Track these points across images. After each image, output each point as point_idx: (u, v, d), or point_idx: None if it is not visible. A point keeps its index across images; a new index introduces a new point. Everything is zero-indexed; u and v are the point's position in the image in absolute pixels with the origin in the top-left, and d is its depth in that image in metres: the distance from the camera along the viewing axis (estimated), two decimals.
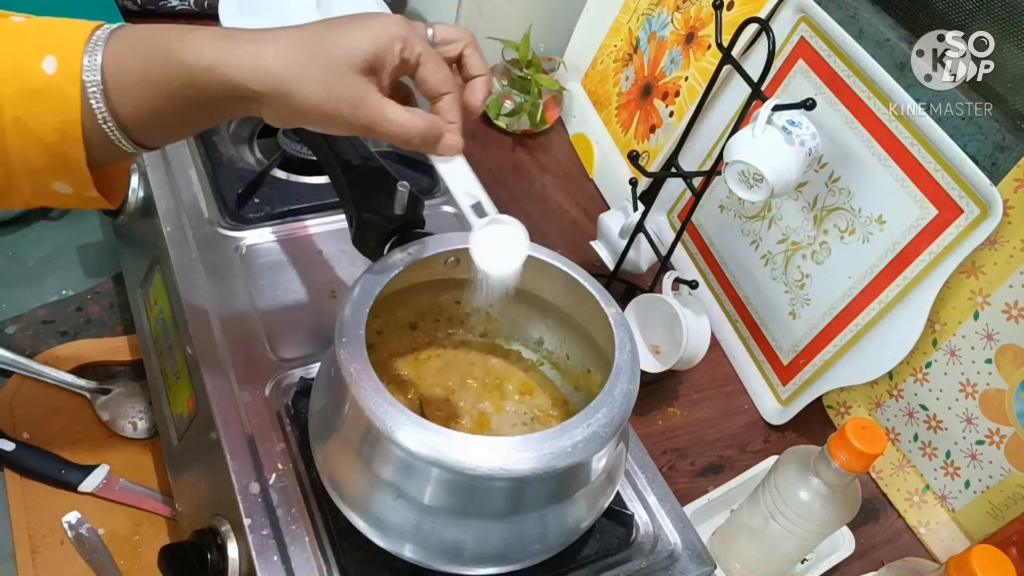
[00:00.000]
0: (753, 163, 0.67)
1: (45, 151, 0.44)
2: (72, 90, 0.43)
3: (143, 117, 0.45)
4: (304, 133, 0.68)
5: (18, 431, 0.71)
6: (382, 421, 0.44)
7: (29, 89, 0.43)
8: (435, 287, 0.60)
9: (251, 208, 0.75)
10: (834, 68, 0.79)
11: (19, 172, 0.45)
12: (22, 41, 0.43)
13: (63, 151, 0.44)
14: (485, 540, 0.49)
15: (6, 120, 0.43)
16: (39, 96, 0.43)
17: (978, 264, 0.72)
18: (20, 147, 0.44)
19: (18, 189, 0.46)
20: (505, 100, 1.10)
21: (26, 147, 0.44)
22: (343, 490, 0.50)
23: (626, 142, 1.04)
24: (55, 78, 0.43)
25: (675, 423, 0.85)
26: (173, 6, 1.05)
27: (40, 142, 0.44)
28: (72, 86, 0.43)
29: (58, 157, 0.45)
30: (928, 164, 0.72)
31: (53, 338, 0.79)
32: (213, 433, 0.57)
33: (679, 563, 0.58)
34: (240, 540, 0.53)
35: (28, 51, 0.43)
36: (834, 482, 0.61)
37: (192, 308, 0.65)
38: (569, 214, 1.04)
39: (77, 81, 0.43)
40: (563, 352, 0.64)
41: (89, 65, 0.43)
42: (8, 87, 0.42)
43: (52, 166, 0.45)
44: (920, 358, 0.78)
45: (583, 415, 0.47)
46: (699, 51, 0.94)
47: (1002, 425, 0.72)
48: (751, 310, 0.91)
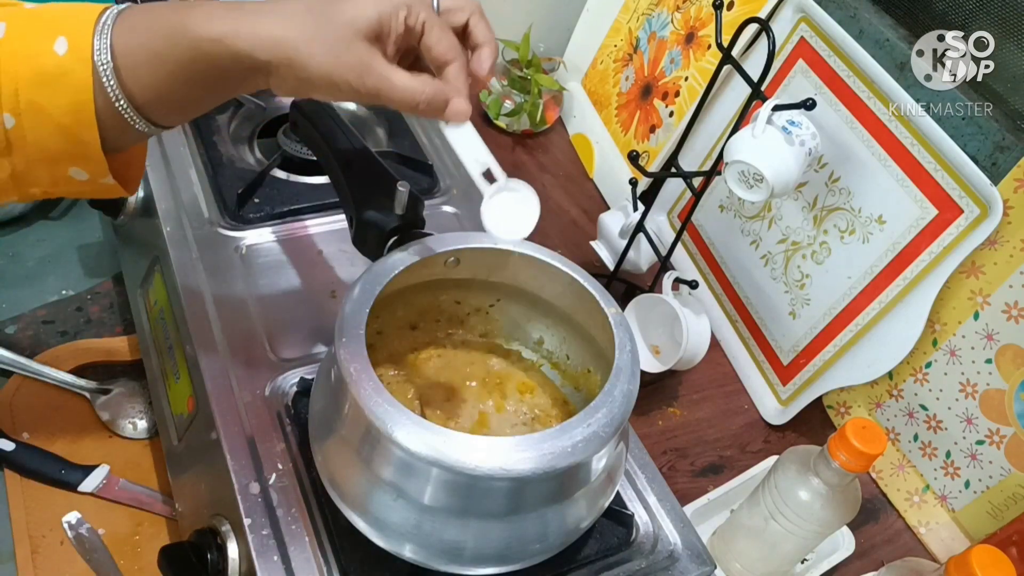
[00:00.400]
0: (753, 163, 0.67)
1: (60, 135, 0.45)
2: (84, 71, 0.43)
3: (155, 94, 0.46)
4: (304, 133, 0.68)
5: (18, 431, 0.71)
6: (382, 421, 0.44)
7: (42, 71, 0.43)
8: (435, 287, 0.60)
9: (251, 208, 0.75)
10: (834, 68, 0.79)
11: (36, 159, 0.46)
12: (34, 24, 0.44)
13: (78, 134, 0.45)
14: (485, 540, 0.49)
15: (21, 103, 0.43)
16: (52, 78, 0.43)
17: (978, 264, 0.72)
18: (36, 131, 0.44)
19: (36, 177, 0.47)
20: (505, 100, 1.10)
21: (42, 131, 0.44)
22: (343, 490, 0.50)
23: (626, 142, 1.04)
24: (66, 59, 0.43)
25: (675, 423, 0.84)
26: None
27: (55, 125, 0.44)
28: (83, 67, 0.43)
29: (73, 140, 0.45)
30: (928, 164, 0.72)
31: (53, 338, 0.79)
32: (213, 433, 0.57)
33: (679, 563, 0.58)
34: (240, 540, 0.53)
35: (40, 34, 0.43)
36: (834, 482, 0.61)
37: (192, 308, 0.65)
38: (569, 214, 1.04)
39: (88, 61, 0.43)
40: (563, 352, 0.64)
41: (99, 46, 0.43)
42: (22, 69, 0.43)
43: (68, 151, 0.46)
44: (920, 358, 0.78)
45: (583, 415, 0.47)
46: (699, 51, 0.94)
47: (1002, 425, 0.72)
48: (751, 310, 0.91)
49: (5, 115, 0.44)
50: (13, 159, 0.45)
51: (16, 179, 0.47)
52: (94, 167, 0.47)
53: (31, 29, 0.44)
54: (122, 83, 0.44)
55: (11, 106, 0.43)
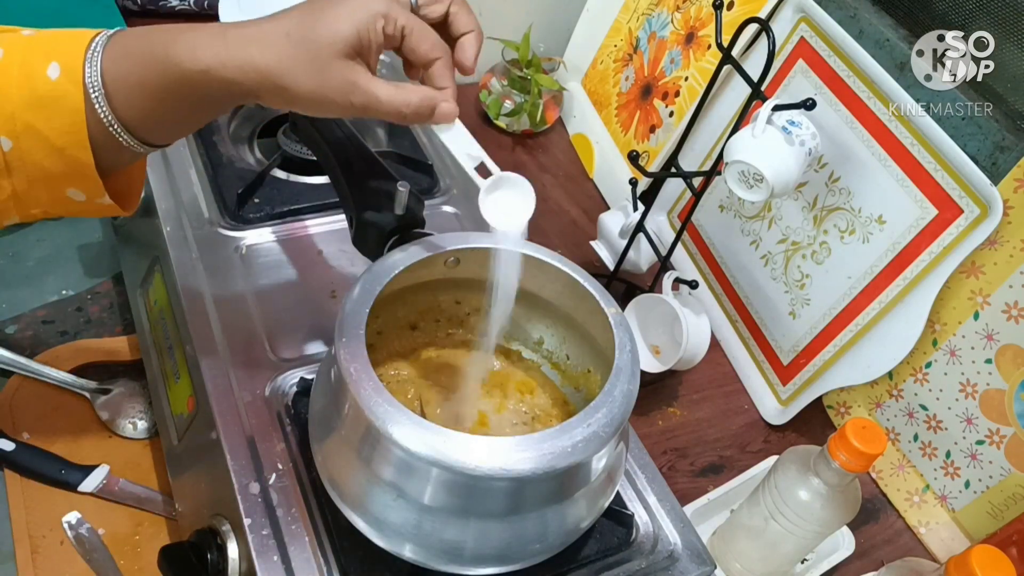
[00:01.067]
0: (753, 163, 0.67)
1: (57, 156, 0.46)
2: (76, 94, 0.44)
3: (147, 118, 0.47)
4: (304, 133, 0.68)
5: (18, 431, 0.71)
6: (382, 421, 0.44)
7: (37, 95, 0.44)
8: (435, 287, 0.60)
9: (251, 208, 0.75)
10: (834, 68, 0.79)
11: (36, 179, 0.47)
12: (30, 50, 0.45)
13: (73, 155, 0.46)
14: (485, 540, 0.49)
15: (18, 126, 0.45)
16: (46, 101, 0.44)
17: (978, 264, 0.72)
18: (34, 152, 0.46)
19: (35, 197, 0.48)
20: (505, 100, 1.10)
21: (39, 152, 0.46)
22: (343, 490, 0.50)
23: (626, 142, 1.04)
24: (60, 83, 0.44)
25: (675, 423, 0.84)
26: (173, 6, 1.05)
27: (51, 147, 0.46)
28: (76, 90, 0.44)
29: (69, 161, 0.46)
30: (928, 164, 0.72)
31: (53, 338, 0.79)
32: (213, 433, 0.57)
33: (679, 563, 0.58)
34: (240, 540, 0.53)
35: (35, 58, 0.45)
36: (834, 482, 0.61)
37: (192, 308, 0.65)
38: (569, 214, 1.04)
39: (80, 85, 0.44)
40: (563, 352, 0.64)
41: (90, 72, 0.44)
42: (19, 93, 0.44)
43: (65, 172, 0.47)
44: (920, 358, 0.78)
45: (583, 415, 0.47)
46: (699, 51, 0.94)
47: (1002, 425, 0.72)
48: (751, 310, 0.91)
49: (3, 138, 0.45)
50: (13, 180, 0.47)
51: (17, 200, 0.48)
52: (91, 187, 0.48)
53: (26, 54, 0.45)
54: (114, 108, 0.45)
55: (8, 129, 0.45)
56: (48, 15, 0.93)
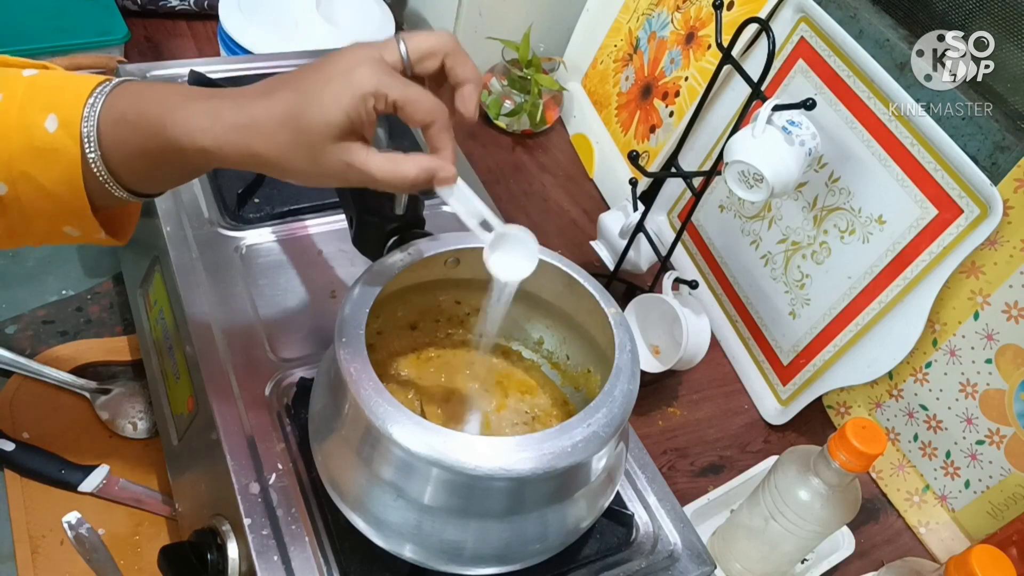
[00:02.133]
0: (753, 163, 0.67)
1: (53, 201, 0.47)
2: (73, 148, 0.45)
3: (142, 179, 0.48)
4: None
5: (18, 431, 0.71)
6: (382, 421, 0.44)
7: (35, 146, 0.45)
8: (435, 287, 0.60)
9: (251, 208, 0.75)
10: (834, 68, 0.79)
11: (33, 215, 0.48)
12: (29, 98, 0.46)
13: (69, 201, 0.47)
14: (485, 540, 0.49)
15: (14, 172, 0.46)
16: (44, 153, 0.45)
17: (978, 264, 0.72)
18: (31, 197, 0.47)
19: (33, 230, 0.50)
20: (505, 100, 1.10)
21: (36, 197, 0.47)
22: (343, 490, 0.50)
23: (626, 142, 1.04)
24: (57, 136, 0.45)
25: (675, 423, 0.85)
26: (173, 6, 1.05)
27: (48, 193, 0.47)
28: (73, 145, 0.45)
29: (66, 206, 0.47)
30: (928, 164, 0.72)
31: (53, 338, 0.79)
32: (213, 433, 0.57)
33: (679, 563, 0.58)
34: (240, 540, 0.53)
35: (34, 107, 0.46)
36: (834, 482, 0.61)
37: (192, 308, 0.65)
38: (569, 214, 1.04)
39: (77, 140, 0.45)
40: (563, 352, 0.64)
41: (87, 131, 0.45)
42: (16, 143, 0.45)
43: (61, 213, 0.48)
44: (920, 358, 0.78)
45: (583, 415, 0.47)
46: (699, 51, 0.94)
47: (1002, 425, 0.72)
48: (751, 310, 0.91)
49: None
50: (9, 219, 0.48)
51: (11, 234, 0.49)
52: (87, 226, 0.49)
53: (25, 102, 0.46)
54: (110, 168, 0.46)
55: (4, 174, 0.46)
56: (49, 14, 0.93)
